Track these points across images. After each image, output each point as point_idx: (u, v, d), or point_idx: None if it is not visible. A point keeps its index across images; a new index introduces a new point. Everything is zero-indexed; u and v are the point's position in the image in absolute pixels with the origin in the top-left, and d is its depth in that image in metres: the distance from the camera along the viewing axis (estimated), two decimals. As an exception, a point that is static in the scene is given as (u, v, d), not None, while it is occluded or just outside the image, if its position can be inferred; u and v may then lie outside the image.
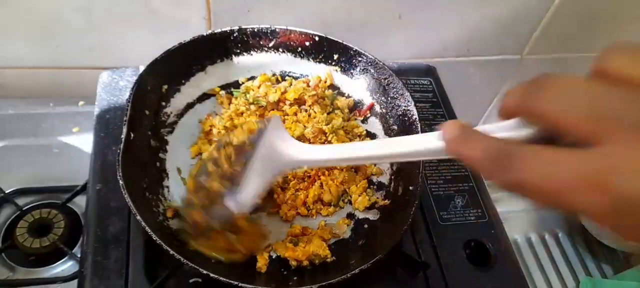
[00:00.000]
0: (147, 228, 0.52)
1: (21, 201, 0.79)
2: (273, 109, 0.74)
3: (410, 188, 0.65)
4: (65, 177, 0.81)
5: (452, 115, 0.87)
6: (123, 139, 0.59)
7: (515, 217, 1.01)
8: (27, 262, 0.75)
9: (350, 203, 0.70)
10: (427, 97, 0.89)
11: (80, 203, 0.79)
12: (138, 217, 0.53)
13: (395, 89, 0.73)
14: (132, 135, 0.61)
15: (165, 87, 0.71)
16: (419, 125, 0.68)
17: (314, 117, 0.73)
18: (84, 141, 0.84)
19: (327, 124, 0.72)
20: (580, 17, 1.09)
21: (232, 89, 0.77)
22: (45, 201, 0.80)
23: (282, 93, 0.74)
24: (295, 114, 0.74)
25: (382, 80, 0.75)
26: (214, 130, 0.70)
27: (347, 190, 0.70)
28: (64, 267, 0.76)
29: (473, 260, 0.71)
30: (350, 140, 0.75)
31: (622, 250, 0.98)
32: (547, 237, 1.01)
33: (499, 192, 1.04)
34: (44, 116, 0.87)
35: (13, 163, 0.82)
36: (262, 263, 0.60)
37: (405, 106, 0.72)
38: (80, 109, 0.88)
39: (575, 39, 1.15)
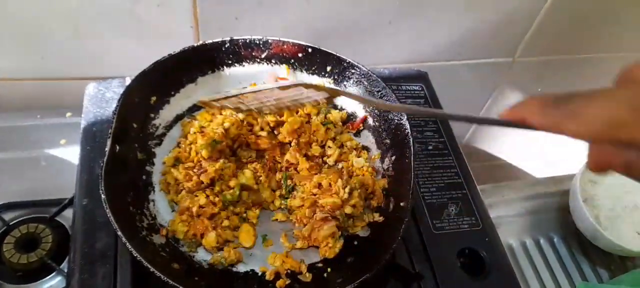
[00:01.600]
0: (128, 244, 0.51)
1: (7, 216, 0.77)
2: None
3: (402, 204, 0.64)
4: (53, 190, 0.79)
5: (444, 122, 0.86)
6: (107, 152, 0.58)
7: (509, 221, 1.00)
8: (14, 278, 0.73)
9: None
10: (418, 103, 0.88)
11: (68, 216, 0.76)
12: (119, 233, 0.52)
13: (388, 102, 0.72)
14: (117, 147, 0.60)
15: (154, 98, 0.69)
16: (411, 140, 0.67)
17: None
18: (72, 153, 0.81)
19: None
20: (571, 21, 1.09)
21: None
22: (33, 215, 0.78)
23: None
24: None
25: (376, 93, 0.73)
26: (191, 130, 0.69)
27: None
28: (52, 283, 0.73)
29: (467, 269, 0.70)
30: (342, 154, 0.74)
31: (618, 254, 0.97)
32: (542, 241, 1.00)
33: (492, 197, 1.03)
34: (30, 128, 0.85)
35: (-1, 177, 0.80)
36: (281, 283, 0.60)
37: (398, 120, 0.70)
38: (68, 120, 0.86)
39: (566, 42, 1.15)
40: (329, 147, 0.73)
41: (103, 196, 0.54)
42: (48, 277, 0.73)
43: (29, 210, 0.78)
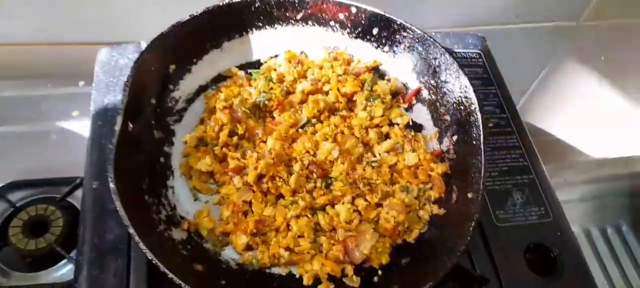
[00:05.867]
0: (141, 244, 0.44)
1: (15, 196, 0.71)
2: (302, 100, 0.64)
3: (469, 195, 0.55)
4: (65, 167, 0.73)
5: (507, 97, 0.76)
6: (118, 131, 0.50)
7: (572, 207, 0.91)
8: (23, 264, 0.68)
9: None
10: (476, 72, 0.78)
11: (80, 197, 0.70)
12: (131, 230, 0.44)
13: (448, 71, 0.62)
14: (130, 125, 0.52)
15: (173, 67, 0.61)
16: (479, 117, 0.57)
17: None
18: (85, 126, 0.74)
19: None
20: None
21: (251, 70, 0.67)
22: (42, 195, 0.72)
23: (317, 81, 0.65)
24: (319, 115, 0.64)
25: (432, 61, 0.64)
26: (218, 105, 0.61)
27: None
28: (63, 271, 0.68)
29: (535, 268, 0.61)
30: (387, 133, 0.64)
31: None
32: (610, 230, 0.91)
33: (552, 179, 0.93)
34: (41, 98, 0.79)
35: (6, 153, 0.75)
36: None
37: (461, 92, 0.61)
38: (81, 90, 0.78)
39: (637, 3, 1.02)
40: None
41: (112, 185, 0.47)
42: (60, 264, 0.68)
43: (38, 190, 0.73)
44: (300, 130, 0.62)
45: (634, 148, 0.99)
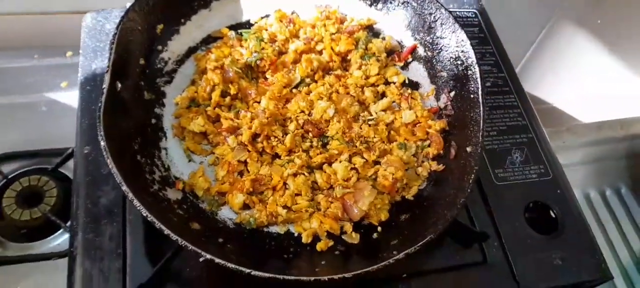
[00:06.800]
0: (135, 201, 0.42)
1: (6, 168, 0.70)
2: (295, 60, 0.62)
3: (469, 149, 0.53)
4: (56, 138, 0.72)
5: (503, 55, 0.74)
6: (105, 90, 0.48)
7: (572, 170, 0.89)
8: (19, 235, 0.67)
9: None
10: (472, 32, 0.76)
11: (73, 167, 0.69)
12: (124, 188, 0.42)
13: (444, 26, 0.61)
14: (119, 85, 0.50)
15: (161, 26, 0.59)
16: (477, 70, 0.55)
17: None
18: (74, 97, 0.73)
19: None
20: None
21: (242, 30, 0.65)
22: (34, 166, 0.71)
23: (310, 40, 0.63)
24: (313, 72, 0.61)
25: (427, 16, 0.62)
26: (209, 65, 0.59)
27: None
28: (60, 240, 0.67)
29: (536, 226, 0.60)
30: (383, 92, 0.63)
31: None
32: (609, 193, 0.90)
33: (551, 143, 0.92)
34: (28, 70, 0.78)
35: (-5, 125, 0.74)
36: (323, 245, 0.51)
37: (457, 47, 0.59)
38: (69, 60, 0.77)
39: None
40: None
41: (103, 143, 0.45)
42: (56, 234, 0.68)
43: (30, 161, 0.72)
44: (294, 90, 0.60)
45: (628, 110, 0.97)
